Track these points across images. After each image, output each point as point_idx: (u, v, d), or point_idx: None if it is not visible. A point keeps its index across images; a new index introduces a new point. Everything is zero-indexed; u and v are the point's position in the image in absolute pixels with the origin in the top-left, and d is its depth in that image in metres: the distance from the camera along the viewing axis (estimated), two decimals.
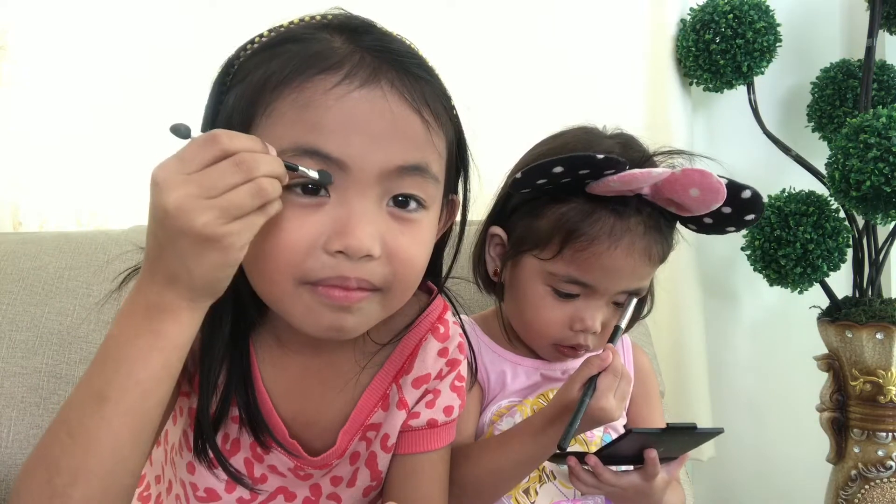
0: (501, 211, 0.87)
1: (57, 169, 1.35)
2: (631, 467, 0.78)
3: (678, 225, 0.84)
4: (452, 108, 0.66)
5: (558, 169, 0.76)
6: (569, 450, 0.77)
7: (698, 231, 0.84)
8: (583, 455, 0.77)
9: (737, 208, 0.78)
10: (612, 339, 0.79)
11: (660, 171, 0.76)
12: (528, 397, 0.87)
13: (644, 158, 0.81)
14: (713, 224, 0.81)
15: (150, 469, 0.81)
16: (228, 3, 1.32)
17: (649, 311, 0.92)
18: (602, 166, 0.75)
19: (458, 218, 0.73)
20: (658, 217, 0.80)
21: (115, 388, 0.52)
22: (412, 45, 0.64)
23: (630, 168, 0.76)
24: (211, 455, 0.68)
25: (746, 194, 0.77)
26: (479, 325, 0.92)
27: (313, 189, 0.58)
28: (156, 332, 0.53)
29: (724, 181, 0.75)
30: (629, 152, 0.81)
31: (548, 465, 0.83)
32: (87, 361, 0.99)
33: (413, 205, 0.61)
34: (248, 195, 0.51)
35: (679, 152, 0.84)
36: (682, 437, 0.78)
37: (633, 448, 0.76)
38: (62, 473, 0.52)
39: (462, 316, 0.92)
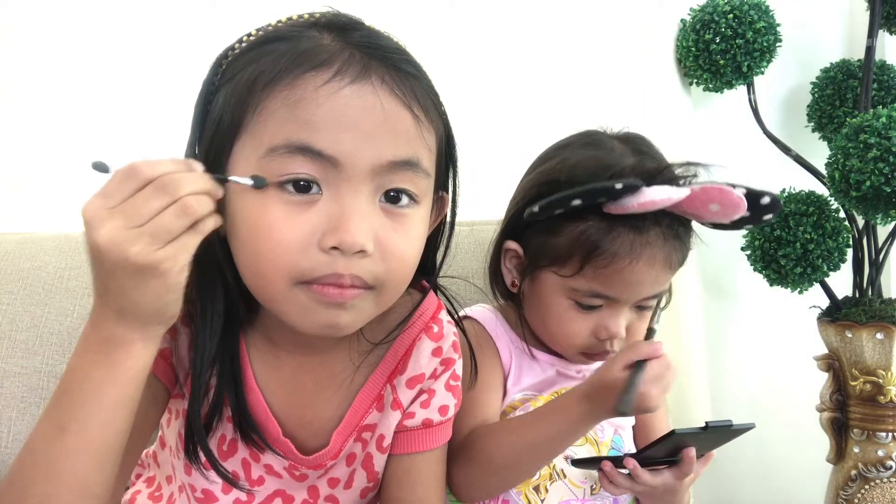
0: (515, 226, 0.87)
1: (57, 169, 1.35)
2: (661, 466, 0.79)
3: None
4: (441, 104, 0.66)
5: (577, 202, 0.76)
6: (602, 455, 0.80)
7: (714, 228, 0.84)
8: (619, 459, 0.77)
9: (756, 212, 0.78)
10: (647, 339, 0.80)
11: (679, 191, 0.75)
12: (542, 393, 0.87)
13: (659, 169, 0.79)
14: (731, 224, 0.81)
15: (159, 471, 0.81)
16: (229, 4, 1.32)
17: (667, 304, 0.92)
18: (623, 192, 0.75)
19: (449, 217, 0.73)
20: (676, 226, 0.80)
21: (74, 420, 0.53)
22: (399, 43, 0.64)
23: (648, 184, 0.75)
24: (203, 458, 0.68)
25: (766, 201, 0.77)
26: (501, 314, 0.92)
27: (305, 186, 0.58)
28: (110, 364, 0.53)
29: (742, 191, 0.75)
30: (645, 163, 0.80)
31: (558, 464, 0.84)
32: None
33: (405, 200, 0.61)
34: (175, 216, 0.50)
35: (695, 164, 0.82)
36: (716, 435, 0.78)
37: (669, 448, 0.77)
38: (30, 499, 0.53)
39: (484, 305, 0.92)
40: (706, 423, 0.75)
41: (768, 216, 0.79)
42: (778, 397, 1.46)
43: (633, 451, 0.92)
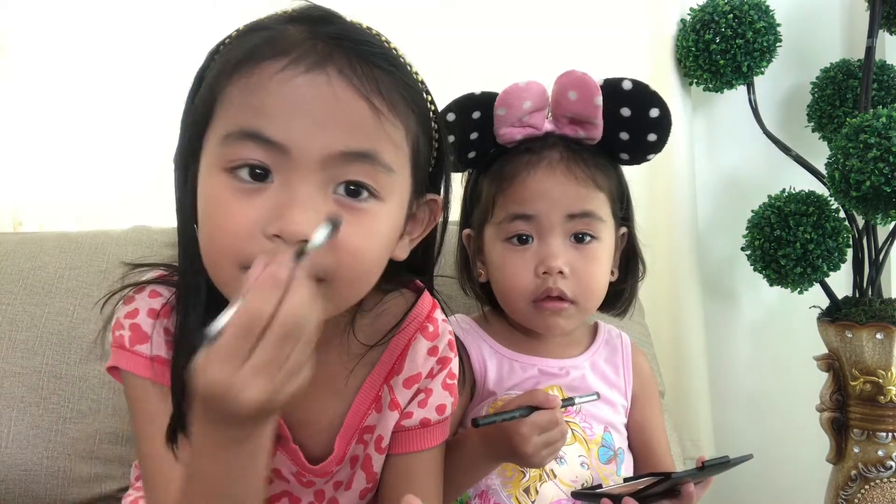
0: (465, 215, 0.93)
1: (57, 169, 1.35)
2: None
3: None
4: (422, 101, 0.65)
5: (451, 116, 0.84)
6: (602, 489, 0.80)
7: (632, 159, 0.88)
8: (619, 498, 0.77)
9: (634, 107, 0.83)
10: (565, 403, 0.79)
11: (533, 82, 0.84)
12: None
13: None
14: (632, 138, 0.85)
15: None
16: (230, 4, 1.32)
17: (643, 275, 0.94)
18: (488, 100, 0.84)
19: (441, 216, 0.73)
20: (573, 147, 0.85)
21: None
22: (381, 38, 0.63)
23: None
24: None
25: (627, 85, 0.83)
26: (477, 323, 0.93)
27: (258, 175, 0.57)
28: (248, 453, 0.54)
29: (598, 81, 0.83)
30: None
31: (548, 465, 0.83)
32: (87, 361, 1.00)
33: (365, 194, 0.60)
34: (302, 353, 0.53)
35: None
36: (714, 471, 0.79)
37: (666, 488, 0.78)
38: None
39: (460, 315, 0.93)
40: (703, 463, 0.76)
41: (654, 112, 0.83)
42: (778, 397, 1.46)
43: (629, 450, 0.92)
